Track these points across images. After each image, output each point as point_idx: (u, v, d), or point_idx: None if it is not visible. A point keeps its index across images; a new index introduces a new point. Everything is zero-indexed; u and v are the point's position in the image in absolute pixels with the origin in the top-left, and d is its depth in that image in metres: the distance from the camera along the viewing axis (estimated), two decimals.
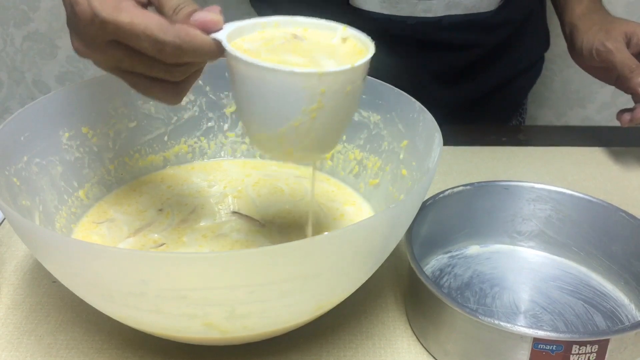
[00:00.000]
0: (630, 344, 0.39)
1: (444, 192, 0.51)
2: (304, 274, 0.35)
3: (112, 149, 0.54)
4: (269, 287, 0.35)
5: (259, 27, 0.40)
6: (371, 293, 0.50)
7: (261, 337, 0.41)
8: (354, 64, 0.35)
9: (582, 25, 0.70)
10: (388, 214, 0.36)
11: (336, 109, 0.36)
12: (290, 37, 0.39)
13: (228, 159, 0.60)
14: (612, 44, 0.64)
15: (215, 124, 0.59)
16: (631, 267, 0.49)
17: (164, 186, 0.56)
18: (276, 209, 0.53)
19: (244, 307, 0.35)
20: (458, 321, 0.41)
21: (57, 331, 0.46)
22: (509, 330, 0.39)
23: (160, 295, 0.34)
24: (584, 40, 0.68)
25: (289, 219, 0.52)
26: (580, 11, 0.72)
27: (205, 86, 0.58)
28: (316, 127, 0.36)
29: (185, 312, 0.35)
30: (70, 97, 0.51)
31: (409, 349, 0.45)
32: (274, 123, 0.37)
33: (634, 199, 0.62)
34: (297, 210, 0.53)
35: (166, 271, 0.33)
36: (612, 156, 0.70)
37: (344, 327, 0.47)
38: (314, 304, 0.39)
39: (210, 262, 0.33)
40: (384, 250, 0.41)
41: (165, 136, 0.57)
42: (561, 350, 0.38)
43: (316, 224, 0.51)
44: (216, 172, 0.58)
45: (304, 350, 0.44)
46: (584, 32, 0.69)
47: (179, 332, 0.39)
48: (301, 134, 0.37)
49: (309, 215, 0.48)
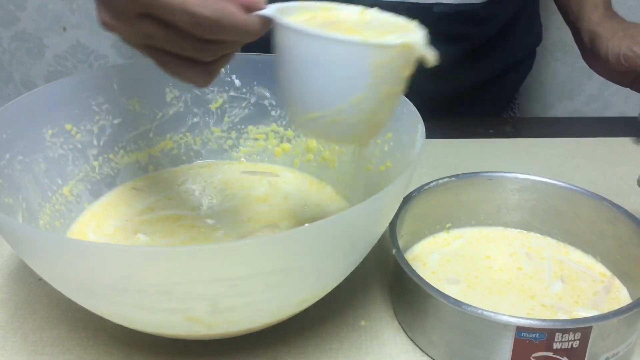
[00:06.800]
0: (613, 331, 0.40)
1: (429, 184, 0.52)
2: (287, 266, 0.35)
3: (97, 146, 0.54)
4: (252, 280, 0.35)
5: (303, 9, 0.39)
6: (358, 285, 0.50)
7: (247, 331, 0.41)
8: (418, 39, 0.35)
9: (603, 32, 0.70)
10: (369, 206, 0.36)
11: (395, 86, 0.36)
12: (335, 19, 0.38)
13: (217, 161, 0.59)
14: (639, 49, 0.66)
15: (201, 120, 0.59)
16: (614, 257, 0.49)
17: (155, 187, 0.55)
18: (254, 208, 0.53)
19: (227, 300, 0.35)
20: (441, 311, 0.41)
21: (42, 329, 0.46)
22: (492, 319, 0.39)
23: (143, 290, 0.34)
24: (609, 47, 0.68)
25: (268, 219, 0.52)
26: (598, 18, 0.72)
27: None
28: (375, 105, 0.36)
29: (168, 307, 0.35)
30: (53, 94, 0.51)
31: (395, 340, 0.45)
32: (333, 100, 0.36)
33: (618, 189, 0.62)
34: (279, 209, 0.52)
35: (147, 265, 0.33)
36: (598, 147, 0.71)
37: (330, 319, 0.47)
38: (298, 297, 0.39)
39: (191, 256, 0.33)
40: (367, 242, 0.41)
41: (150, 132, 0.57)
42: (544, 338, 0.39)
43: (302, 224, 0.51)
44: (204, 172, 0.58)
45: (290, 343, 0.44)
46: (608, 38, 0.69)
47: (164, 327, 0.39)
48: (360, 111, 0.36)
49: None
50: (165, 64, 0.36)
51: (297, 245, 0.34)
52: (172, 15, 0.33)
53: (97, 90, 0.53)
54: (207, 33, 0.34)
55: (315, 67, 0.35)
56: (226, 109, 0.59)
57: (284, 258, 0.34)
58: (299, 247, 0.35)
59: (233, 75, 0.58)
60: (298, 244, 0.34)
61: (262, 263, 0.34)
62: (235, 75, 0.58)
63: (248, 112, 0.59)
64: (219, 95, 0.59)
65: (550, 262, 0.51)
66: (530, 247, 0.53)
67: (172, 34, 0.34)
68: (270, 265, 0.34)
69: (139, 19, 0.34)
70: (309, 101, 0.37)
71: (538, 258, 0.52)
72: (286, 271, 0.35)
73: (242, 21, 0.34)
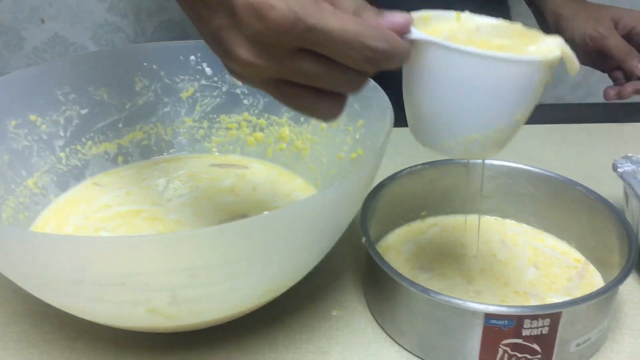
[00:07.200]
0: (583, 317, 0.39)
1: (402, 172, 0.51)
2: (248, 256, 0.34)
3: (63, 137, 0.53)
4: (211, 270, 0.34)
5: (434, 21, 0.36)
6: (330, 274, 0.49)
7: (214, 322, 0.41)
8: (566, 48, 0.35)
9: (567, 13, 0.72)
10: (333, 192, 0.35)
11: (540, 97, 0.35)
12: (472, 29, 0.37)
13: (188, 154, 0.58)
14: (604, 29, 0.68)
15: (172, 110, 0.58)
16: (589, 243, 0.49)
17: (117, 182, 0.54)
18: (221, 200, 0.52)
19: (187, 291, 0.34)
20: (410, 299, 0.40)
21: (7, 324, 0.45)
22: (460, 306, 0.38)
23: (99, 282, 0.33)
24: (574, 28, 0.70)
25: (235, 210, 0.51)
26: (562, 0, 0.74)
27: (159, 70, 0.56)
28: (526, 118, 0.35)
29: (126, 299, 0.35)
30: (15, 84, 0.49)
31: (367, 329, 0.44)
32: (498, 119, 0.35)
33: (595, 175, 0.61)
34: (247, 200, 0.51)
35: (100, 256, 0.32)
36: (577, 133, 0.70)
37: (301, 309, 0.46)
38: (263, 287, 0.38)
39: (146, 245, 0.32)
40: (334, 230, 0.40)
41: (119, 123, 0.56)
42: (513, 325, 0.38)
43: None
44: (170, 166, 0.57)
45: (259, 335, 0.44)
46: (571, 19, 0.71)
47: (125, 320, 0.38)
48: (517, 127, 0.35)
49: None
50: (295, 99, 0.32)
51: (257, 234, 0.33)
52: (345, 50, 0.29)
53: (63, 79, 0.52)
54: (378, 66, 0.31)
55: (481, 87, 0.33)
56: (197, 98, 0.58)
57: (244, 247, 0.34)
58: (259, 236, 0.34)
59: (204, 63, 0.57)
60: (258, 232, 0.33)
61: (221, 252, 0.33)
62: (206, 63, 0.57)
63: (220, 100, 0.58)
64: (189, 84, 0.57)
65: (524, 249, 0.51)
66: (506, 234, 0.52)
67: (332, 68, 0.30)
68: (230, 255, 0.33)
69: (294, 55, 0.30)
70: (468, 123, 0.35)
71: (513, 245, 0.51)
72: (247, 260, 0.34)
73: (406, 49, 0.32)
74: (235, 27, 0.29)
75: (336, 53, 0.30)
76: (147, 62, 0.56)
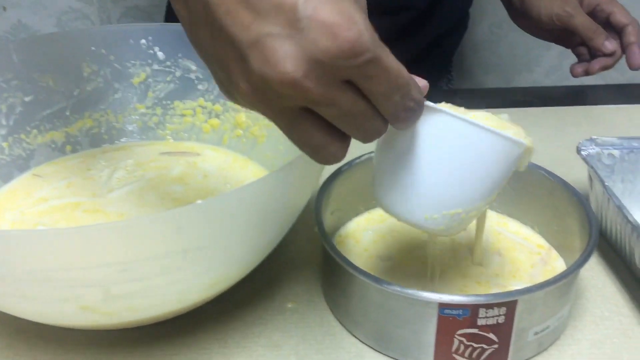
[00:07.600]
0: (540, 305, 0.38)
1: (359, 158, 0.49)
2: (183, 247, 0.32)
3: (6, 126, 0.50)
4: (144, 263, 0.32)
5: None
6: (287, 265, 0.47)
7: (157, 318, 0.39)
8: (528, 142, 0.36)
9: None
10: (274, 177, 0.33)
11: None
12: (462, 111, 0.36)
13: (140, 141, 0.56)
14: (571, 8, 0.68)
15: (123, 96, 0.55)
16: (552, 228, 0.47)
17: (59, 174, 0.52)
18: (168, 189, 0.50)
19: (120, 287, 0.32)
20: (364, 290, 0.39)
21: None
22: (414, 297, 0.37)
23: (22, 278, 0.31)
24: (541, 6, 0.70)
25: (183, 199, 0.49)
26: None
27: (108, 55, 0.54)
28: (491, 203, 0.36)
29: (55, 296, 0.32)
30: None
31: (322, 322, 0.43)
32: (483, 195, 0.35)
33: (561, 158, 0.60)
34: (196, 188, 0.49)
35: (22, 250, 0.30)
36: (544, 116, 0.69)
37: (255, 302, 0.44)
38: (206, 281, 0.36)
39: (69, 238, 0.30)
40: (282, 218, 0.38)
41: (67, 110, 0.53)
42: (468, 314, 0.36)
43: None
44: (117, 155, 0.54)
45: (208, 330, 0.42)
46: None
47: (59, 318, 0.36)
48: (489, 204, 0.36)
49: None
50: (307, 133, 0.29)
51: (191, 224, 0.31)
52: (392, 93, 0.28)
53: (3, 65, 0.49)
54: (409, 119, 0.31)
55: (479, 160, 0.34)
56: (150, 84, 0.55)
57: (176, 239, 0.31)
58: (194, 226, 0.32)
59: (156, 47, 0.55)
60: (192, 222, 0.31)
61: (152, 244, 0.31)
62: (158, 47, 0.55)
63: (173, 86, 0.55)
64: (141, 69, 0.55)
65: (488, 235, 0.49)
66: None
67: (369, 109, 0.29)
68: (161, 247, 0.31)
69: (342, 84, 0.28)
70: (454, 198, 0.34)
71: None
72: (184, 253, 0.32)
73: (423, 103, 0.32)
74: (291, 37, 0.26)
75: (384, 94, 0.28)
76: (95, 47, 0.53)
